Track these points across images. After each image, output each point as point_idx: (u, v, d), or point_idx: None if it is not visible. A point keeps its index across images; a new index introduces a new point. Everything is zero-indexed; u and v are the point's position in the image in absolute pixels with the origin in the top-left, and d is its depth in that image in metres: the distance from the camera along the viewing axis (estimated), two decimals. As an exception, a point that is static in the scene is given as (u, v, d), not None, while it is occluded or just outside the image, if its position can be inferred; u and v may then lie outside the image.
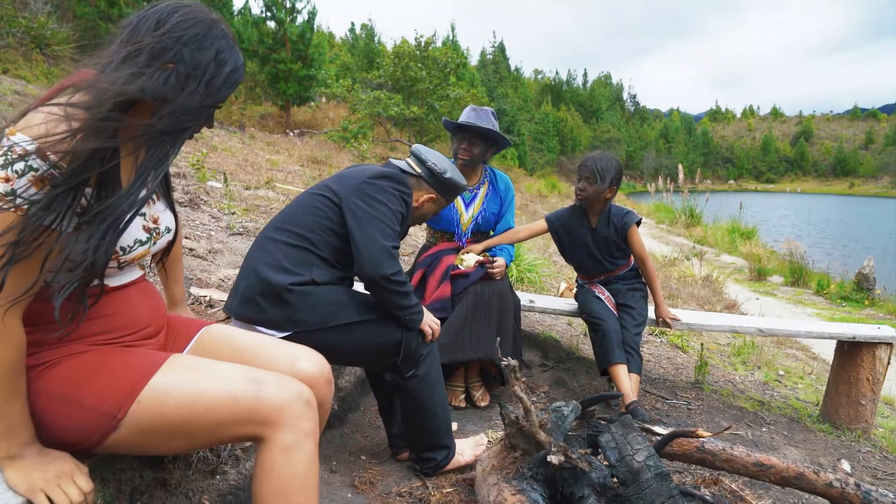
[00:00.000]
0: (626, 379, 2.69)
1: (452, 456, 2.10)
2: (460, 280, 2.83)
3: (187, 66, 1.15)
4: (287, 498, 1.23)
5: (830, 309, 8.32)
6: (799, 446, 2.79)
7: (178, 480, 1.64)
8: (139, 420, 1.16)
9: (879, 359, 2.95)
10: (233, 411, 1.19)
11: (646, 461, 1.70)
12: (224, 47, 1.22)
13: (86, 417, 1.14)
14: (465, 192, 3.02)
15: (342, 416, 2.55)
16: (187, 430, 1.19)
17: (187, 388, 1.19)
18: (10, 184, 1.00)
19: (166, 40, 1.13)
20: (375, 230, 1.85)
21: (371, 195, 1.90)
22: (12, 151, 1.00)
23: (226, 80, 1.22)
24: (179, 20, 1.16)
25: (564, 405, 1.86)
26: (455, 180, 2.16)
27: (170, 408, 1.17)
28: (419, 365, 1.97)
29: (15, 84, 8.07)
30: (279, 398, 1.21)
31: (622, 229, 2.90)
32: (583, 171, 2.87)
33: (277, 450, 1.21)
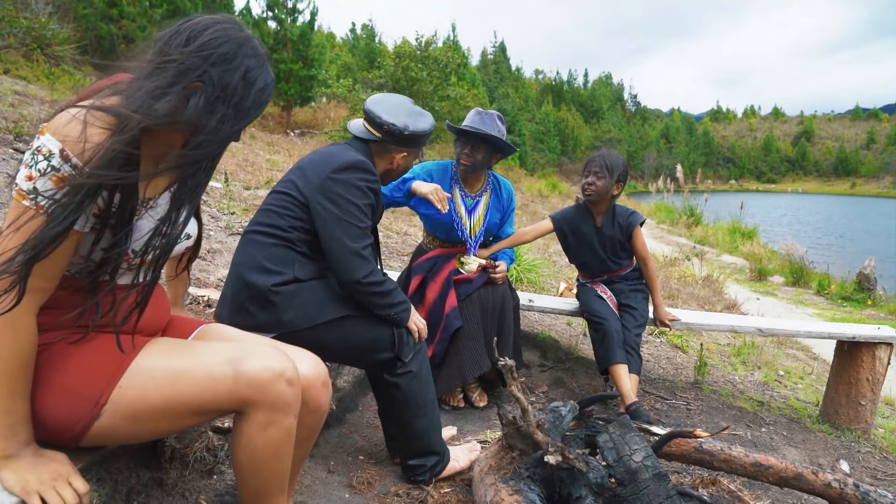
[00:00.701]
0: (626, 379, 2.69)
1: (446, 462, 2.07)
2: (464, 286, 2.80)
3: (215, 88, 1.13)
4: (259, 465, 1.29)
5: (831, 309, 8.30)
6: (798, 447, 2.78)
7: (175, 480, 1.64)
8: (121, 404, 1.16)
9: (879, 359, 2.94)
10: (213, 391, 1.20)
11: (643, 461, 1.70)
12: (253, 66, 1.19)
13: (69, 402, 1.14)
14: (468, 199, 2.95)
15: (340, 416, 2.55)
16: (170, 411, 1.19)
17: (168, 371, 1.19)
18: (33, 182, 1.03)
19: (194, 59, 1.12)
20: (343, 233, 1.82)
21: (337, 193, 1.83)
22: (39, 151, 1.03)
23: (255, 100, 1.20)
24: (210, 38, 1.13)
25: (562, 405, 1.85)
26: (419, 131, 2.01)
27: (150, 390, 1.17)
28: (411, 361, 1.96)
29: (16, 84, 8.08)
30: (258, 377, 1.22)
31: (627, 229, 2.90)
32: (591, 166, 2.85)
33: (256, 424, 1.24)
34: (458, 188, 2.91)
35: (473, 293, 2.77)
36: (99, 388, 1.15)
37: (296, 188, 1.90)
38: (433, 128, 2.05)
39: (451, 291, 2.74)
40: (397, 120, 1.97)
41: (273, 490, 1.36)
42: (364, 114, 2.03)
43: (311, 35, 19.78)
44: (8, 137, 3.96)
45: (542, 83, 78.58)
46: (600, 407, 2.96)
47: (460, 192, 2.91)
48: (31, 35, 12.64)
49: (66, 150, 1.03)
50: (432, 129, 2.05)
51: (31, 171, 1.03)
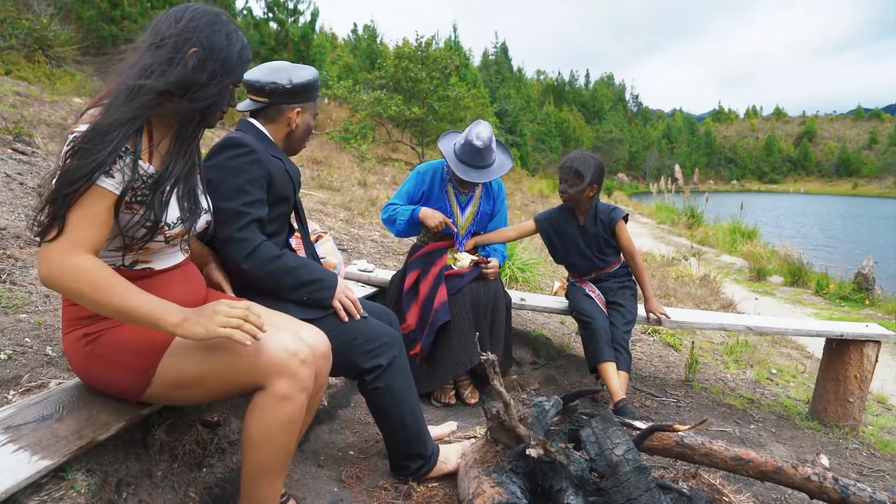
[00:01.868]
0: (614, 377, 2.72)
1: (433, 464, 2.06)
2: (454, 280, 2.85)
3: (205, 49, 1.38)
4: (270, 436, 1.44)
5: (829, 309, 8.32)
6: (786, 443, 2.81)
7: (165, 472, 1.67)
8: (165, 377, 1.41)
9: (867, 356, 2.97)
10: (237, 368, 1.40)
11: (624, 455, 1.72)
12: (232, 30, 1.46)
13: (127, 375, 1.41)
14: (461, 196, 3.03)
15: (332, 412, 2.58)
16: (204, 383, 1.43)
17: (200, 350, 1.40)
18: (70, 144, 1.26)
19: (186, 31, 1.37)
20: (217, 224, 1.75)
21: (211, 182, 1.76)
22: (76, 139, 1.26)
23: (238, 56, 1.46)
24: (193, 14, 1.40)
25: (546, 400, 1.88)
26: (303, 80, 1.93)
27: (187, 365, 1.40)
28: (379, 377, 1.90)
29: (17, 85, 8.13)
30: (276, 356, 1.41)
31: (609, 225, 2.93)
32: (563, 172, 2.91)
33: (272, 398, 1.42)
34: (452, 187, 3.01)
35: (465, 287, 2.82)
36: (147, 363, 1.40)
37: None
38: (318, 77, 1.98)
39: (441, 286, 2.79)
40: (277, 77, 1.91)
41: (276, 466, 1.50)
42: (245, 87, 1.93)
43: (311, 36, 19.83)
44: (7, 138, 4.00)
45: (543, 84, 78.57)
46: (589, 403, 2.99)
47: (454, 191, 3.01)
48: (33, 36, 12.69)
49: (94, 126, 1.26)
50: (317, 79, 1.98)
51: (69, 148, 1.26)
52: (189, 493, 1.70)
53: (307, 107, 2.00)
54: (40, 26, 12.97)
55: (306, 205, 6.05)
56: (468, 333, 2.78)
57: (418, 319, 2.79)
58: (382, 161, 16.61)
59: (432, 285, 2.80)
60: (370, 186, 9.37)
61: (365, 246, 4.79)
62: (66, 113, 7.13)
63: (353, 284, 3.26)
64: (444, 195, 2.99)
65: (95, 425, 1.41)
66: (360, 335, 1.90)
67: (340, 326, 1.88)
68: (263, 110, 1.96)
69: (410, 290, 2.88)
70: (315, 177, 8.61)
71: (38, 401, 1.47)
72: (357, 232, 5.25)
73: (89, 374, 1.47)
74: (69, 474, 1.34)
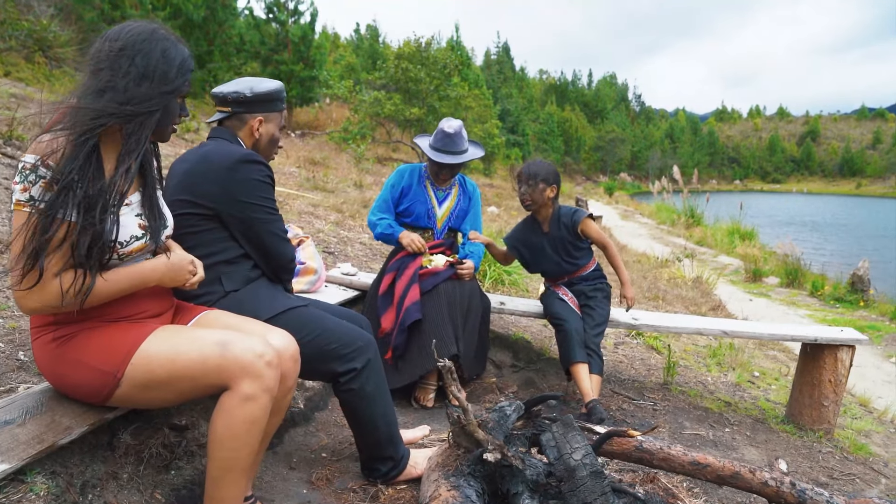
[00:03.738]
0: (586, 378, 2.75)
1: (403, 467, 2.09)
2: (429, 278, 2.92)
3: (139, 69, 1.42)
4: (233, 436, 1.48)
5: (823, 310, 8.32)
6: (759, 447, 2.84)
7: (131, 475, 1.71)
8: (134, 378, 1.45)
9: (841, 361, 2.99)
10: (204, 368, 1.46)
11: (582, 459, 1.76)
12: (167, 46, 1.48)
13: (95, 376, 1.44)
14: (439, 192, 3.14)
15: (308, 414, 2.62)
16: (173, 384, 1.47)
17: (169, 351, 1.47)
18: (28, 192, 1.31)
19: (121, 56, 1.41)
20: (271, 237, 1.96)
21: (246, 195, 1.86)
22: (25, 168, 1.32)
23: (178, 69, 1.50)
24: (127, 36, 1.44)
25: (508, 405, 1.92)
26: (264, 90, 1.99)
27: (156, 366, 1.45)
28: (353, 380, 1.95)
29: (13, 88, 8.18)
30: (242, 357, 1.48)
31: (573, 227, 2.98)
32: (519, 178, 2.99)
33: (237, 398, 1.47)
34: (430, 183, 3.18)
35: (440, 285, 2.88)
36: (116, 364, 1.44)
37: (194, 204, 1.85)
38: (282, 89, 2.05)
39: (414, 286, 2.85)
40: (239, 87, 1.98)
41: (239, 466, 1.53)
42: (212, 99, 2.03)
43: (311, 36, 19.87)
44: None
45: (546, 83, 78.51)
46: (561, 405, 3.03)
47: (432, 187, 3.18)
48: (33, 37, 12.76)
49: (44, 159, 1.31)
50: (281, 90, 2.04)
51: (24, 184, 1.31)
52: (155, 495, 1.74)
53: (270, 117, 2.04)
54: (40, 27, 13.03)
55: (298, 207, 6.08)
56: (442, 328, 2.82)
57: (393, 322, 2.83)
58: (382, 161, 16.65)
59: (406, 286, 2.85)
60: (366, 188, 9.41)
61: (353, 248, 4.83)
62: (61, 115, 7.18)
63: (335, 288, 3.30)
64: (423, 189, 3.14)
65: (57, 430, 1.45)
66: (335, 340, 1.94)
67: (313, 333, 1.91)
68: (227, 121, 2.02)
69: (386, 294, 2.93)
70: (310, 178, 8.65)
71: (2, 405, 1.50)
72: (346, 234, 5.29)
73: (59, 376, 1.50)
74: (29, 477, 1.38)
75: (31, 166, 1.31)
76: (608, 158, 60.38)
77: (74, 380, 1.48)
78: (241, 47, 18.66)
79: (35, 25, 12.98)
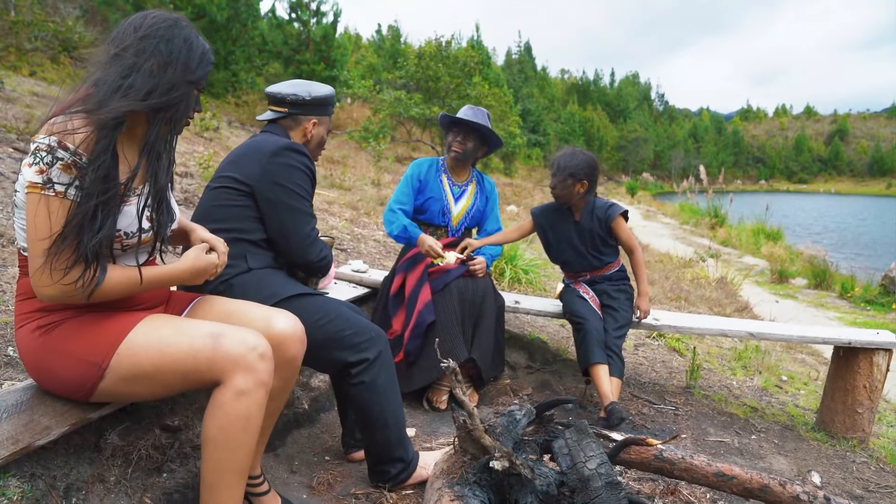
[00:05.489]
0: (605, 379, 2.62)
1: (412, 470, 2.01)
2: (441, 276, 2.82)
3: (164, 56, 1.39)
4: (228, 434, 1.41)
5: (853, 313, 8.05)
6: (788, 455, 2.68)
7: (118, 477, 1.63)
8: (120, 369, 1.37)
9: (877, 365, 2.82)
10: (194, 361, 1.39)
11: (597, 469, 1.64)
12: (190, 36, 1.45)
13: (79, 367, 1.37)
14: (455, 188, 3.05)
15: (313, 415, 2.53)
16: (160, 377, 1.40)
17: (157, 342, 1.40)
18: (45, 174, 1.25)
19: (145, 41, 1.38)
20: (296, 221, 1.91)
21: (283, 179, 1.90)
22: (40, 149, 1.25)
23: (200, 60, 1.46)
24: (152, 22, 1.41)
25: (518, 409, 1.80)
26: (320, 94, 2.09)
27: (142, 358, 1.38)
28: (364, 371, 1.88)
29: (36, 87, 8.27)
30: (234, 350, 1.41)
31: (606, 221, 2.83)
32: (552, 168, 2.84)
33: (230, 393, 1.40)
34: (447, 177, 3.09)
35: (451, 283, 2.79)
36: (101, 354, 1.36)
37: (235, 180, 1.92)
38: (334, 94, 2.14)
39: (424, 286, 2.75)
40: (298, 89, 2.06)
41: (235, 468, 1.45)
42: (267, 98, 2.11)
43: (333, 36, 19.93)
44: (10, 136, 4.03)
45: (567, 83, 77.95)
46: (577, 408, 2.90)
47: (448, 182, 3.09)
48: (58, 38, 12.94)
49: (62, 140, 1.25)
50: (333, 95, 2.13)
51: (39, 166, 1.25)
52: (144, 499, 1.65)
53: (322, 120, 2.13)
54: (65, 29, 13.22)
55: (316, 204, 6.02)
56: (454, 330, 2.73)
57: (403, 323, 2.73)
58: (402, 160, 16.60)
59: (414, 287, 2.76)
60: (384, 186, 9.34)
61: (366, 246, 4.74)
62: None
63: (344, 285, 3.21)
64: (439, 184, 3.06)
65: (35, 430, 1.37)
66: (349, 326, 1.89)
67: (328, 317, 1.87)
68: (282, 120, 2.09)
69: (396, 295, 2.84)
70: (328, 176, 8.60)
71: (-20, 404, 1.43)
72: (360, 231, 5.21)
73: (41, 368, 1.42)
74: (1, 480, 1.30)
75: (46, 147, 1.25)
76: (630, 158, 59.73)
77: (58, 372, 1.40)
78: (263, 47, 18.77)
79: (61, 27, 13.17)
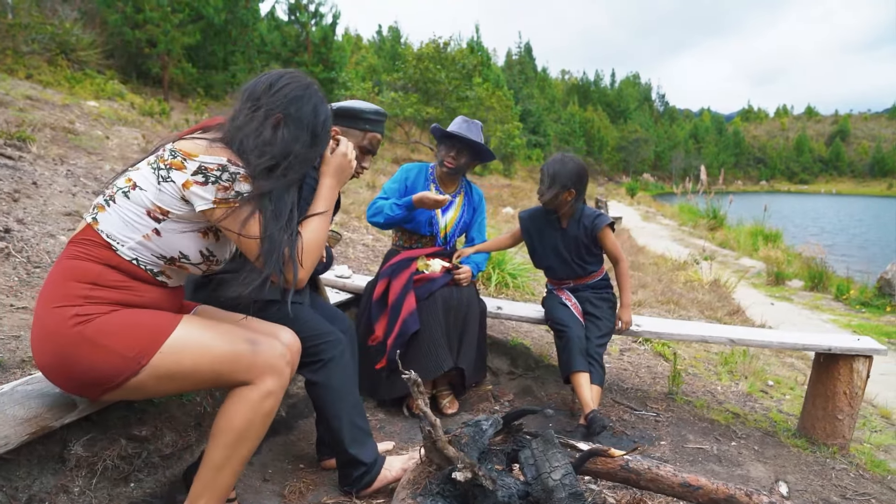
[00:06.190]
0: (586, 387, 2.62)
1: (376, 474, 2.02)
2: (426, 285, 2.81)
3: (294, 119, 1.54)
4: (251, 427, 1.53)
5: (848, 315, 8.04)
6: (767, 463, 2.68)
7: (83, 488, 1.64)
8: (159, 366, 1.43)
9: (857, 372, 2.81)
10: (234, 363, 1.50)
11: (562, 480, 1.64)
12: (318, 102, 1.60)
13: (115, 361, 1.40)
14: None
15: (290, 423, 2.54)
16: (195, 376, 1.48)
17: (201, 342, 1.48)
18: (231, 190, 1.43)
19: (277, 100, 1.53)
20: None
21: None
22: (208, 170, 1.41)
23: (323, 127, 1.61)
24: (286, 83, 1.56)
25: (485, 419, 1.80)
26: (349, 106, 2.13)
27: (185, 357, 1.45)
28: (317, 372, 1.94)
29: (31, 90, 8.28)
30: (270, 355, 1.55)
31: (592, 231, 2.83)
32: (540, 175, 2.84)
33: (258, 392, 1.52)
34: (435, 187, 3.04)
35: (437, 291, 2.78)
36: (142, 351, 1.41)
37: None
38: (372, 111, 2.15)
39: (409, 294, 2.74)
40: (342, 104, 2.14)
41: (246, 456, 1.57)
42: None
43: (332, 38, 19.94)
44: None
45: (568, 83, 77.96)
46: (563, 416, 2.90)
47: (437, 191, 3.03)
48: (56, 41, 12.96)
49: (231, 160, 1.44)
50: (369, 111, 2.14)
51: (219, 185, 1.42)
52: (110, 510, 1.66)
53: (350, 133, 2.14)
54: (63, 31, 13.23)
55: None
56: (438, 339, 2.73)
57: (385, 330, 2.73)
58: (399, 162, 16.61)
59: (399, 294, 2.75)
60: (378, 188, 9.34)
61: (354, 250, 4.74)
62: (74, 116, 7.24)
63: (329, 291, 3.21)
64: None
65: (-8, 442, 1.37)
66: (305, 329, 1.93)
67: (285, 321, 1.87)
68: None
69: (380, 300, 2.83)
70: (322, 179, 8.58)
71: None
72: (349, 235, 5.21)
73: (66, 354, 1.39)
74: (-44, 493, 1.30)
75: (219, 167, 1.42)
76: (631, 159, 59.71)
77: (86, 362, 1.39)
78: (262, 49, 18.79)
79: (58, 29, 13.18)
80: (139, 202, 1.44)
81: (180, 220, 1.46)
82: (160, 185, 1.42)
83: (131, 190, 1.45)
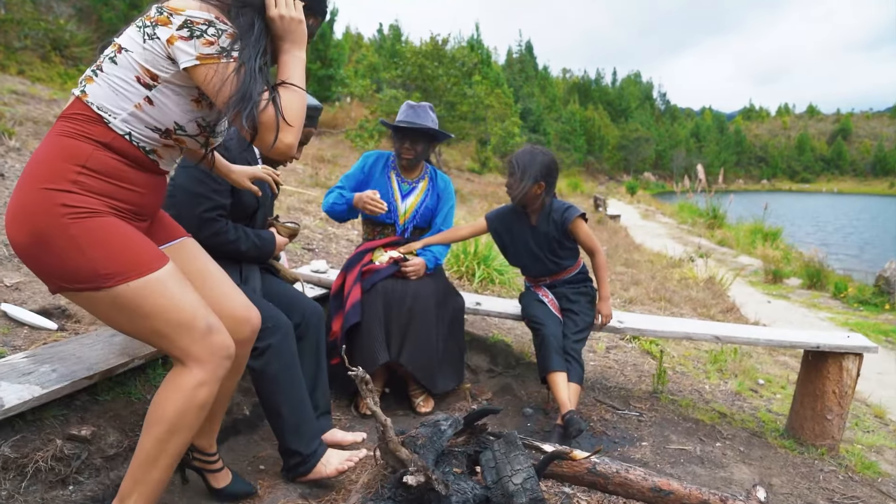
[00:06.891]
0: (563, 387, 2.52)
1: (312, 465, 1.99)
2: (369, 277, 2.72)
3: None
4: (183, 418, 1.44)
5: (846, 313, 7.93)
6: (753, 464, 2.58)
7: (10, 492, 1.54)
8: (120, 295, 1.36)
9: (847, 370, 2.71)
10: (184, 334, 1.42)
11: (523, 484, 1.55)
12: None
13: (85, 269, 1.33)
14: (403, 185, 2.93)
15: (254, 422, 2.44)
16: (144, 323, 1.40)
17: (170, 297, 1.41)
18: (216, 45, 1.34)
19: None
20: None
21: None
22: (195, 23, 1.33)
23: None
24: None
25: (444, 419, 1.70)
26: None
27: (148, 301, 1.38)
28: (255, 359, 1.89)
29: (19, 85, 8.17)
30: (215, 346, 1.46)
31: (562, 225, 2.72)
32: (508, 167, 2.74)
33: (192, 381, 1.44)
34: (395, 174, 2.95)
35: (378, 284, 2.68)
36: (115, 273, 1.35)
37: None
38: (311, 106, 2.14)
39: (356, 286, 2.65)
40: None
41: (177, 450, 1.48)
42: None
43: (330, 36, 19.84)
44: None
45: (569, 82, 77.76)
46: (541, 416, 2.80)
47: (397, 178, 2.95)
48: (49, 37, 12.87)
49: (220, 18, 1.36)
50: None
51: (205, 38, 1.33)
52: (42, 515, 1.56)
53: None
54: (56, 27, 13.14)
55: (292, 203, 5.93)
56: (375, 332, 2.62)
57: (341, 325, 2.64)
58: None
59: (350, 286, 2.66)
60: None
61: (337, 245, 4.65)
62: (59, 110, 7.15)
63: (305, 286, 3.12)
64: (386, 181, 2.92)
65: None
66: None
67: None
68: None
69: (336, 296, 2.74)
70: (313, 175, 8.50)
71: None
72: (334, 231, 5.11)
73: (43, 241, 1.33)
74: None
75: (204, 21, 1.33)
76: (632, 158, 59.48)
77: (57, 257, 1.34)
78: (259, 46, 18.71)
79: (52, 25, 13.09)
80: (126, 65, 1.37)
81: (170, 84, 1.39)
82: (145, 43, 1.35)
83: (117, 54, 1.38)
